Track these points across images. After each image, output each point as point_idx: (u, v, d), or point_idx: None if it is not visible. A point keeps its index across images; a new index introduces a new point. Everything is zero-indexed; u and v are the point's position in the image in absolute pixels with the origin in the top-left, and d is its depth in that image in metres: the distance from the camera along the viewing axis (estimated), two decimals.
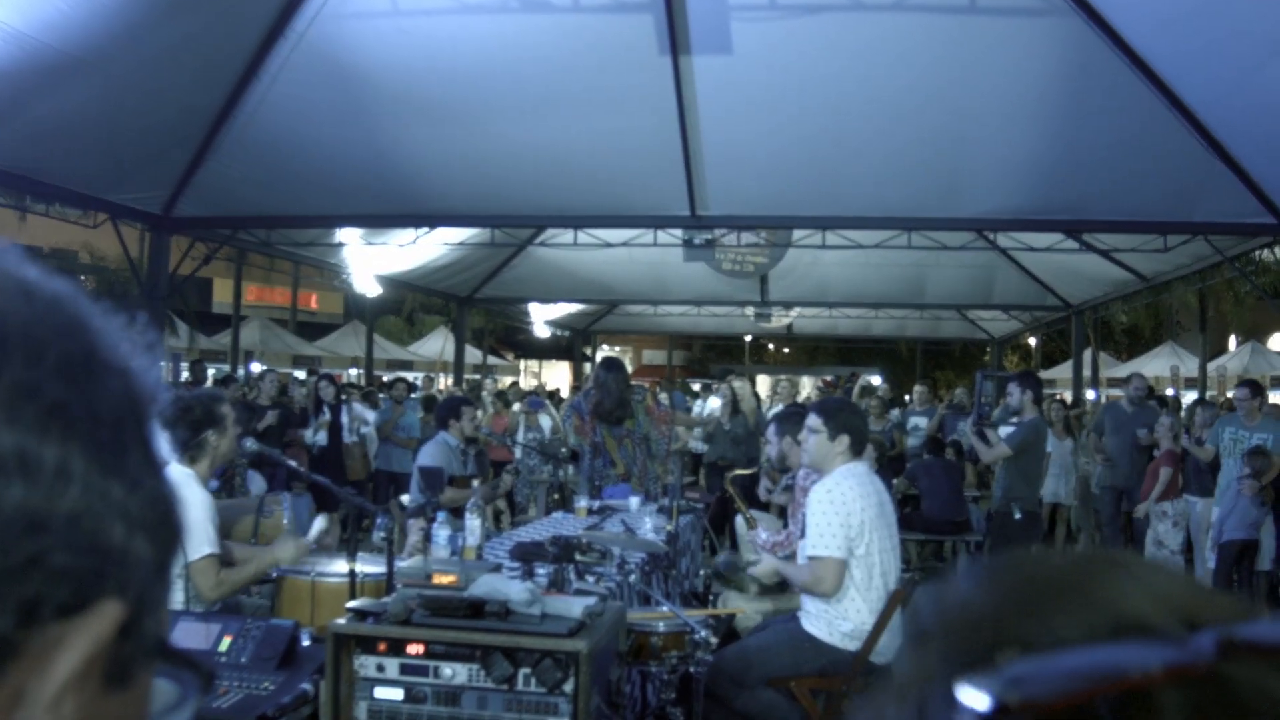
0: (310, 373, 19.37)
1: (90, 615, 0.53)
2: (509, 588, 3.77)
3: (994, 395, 9.20)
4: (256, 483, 9.55)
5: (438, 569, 4.02)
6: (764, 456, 12.65)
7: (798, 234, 13.38)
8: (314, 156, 10.10)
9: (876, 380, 21.01)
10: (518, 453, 12.29)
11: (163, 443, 0.59)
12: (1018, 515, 8.21)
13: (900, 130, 9.40)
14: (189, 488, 4.44)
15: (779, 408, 13.91)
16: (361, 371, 26.38)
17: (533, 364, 49.15)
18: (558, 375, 41.18)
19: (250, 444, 5.05)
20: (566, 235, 14.02)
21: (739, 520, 9.50)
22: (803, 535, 5.10)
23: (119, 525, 0.54)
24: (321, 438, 11.54)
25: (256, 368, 22.21)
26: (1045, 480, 11.34)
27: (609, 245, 13.76)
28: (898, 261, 15.50)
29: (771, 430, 6.75)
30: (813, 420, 5.12)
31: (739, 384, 12.81)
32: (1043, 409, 9.44)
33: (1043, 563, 0.61)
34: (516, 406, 14.31)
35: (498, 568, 4.69)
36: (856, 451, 5.08)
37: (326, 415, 11.69)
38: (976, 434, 8.71)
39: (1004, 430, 8.90)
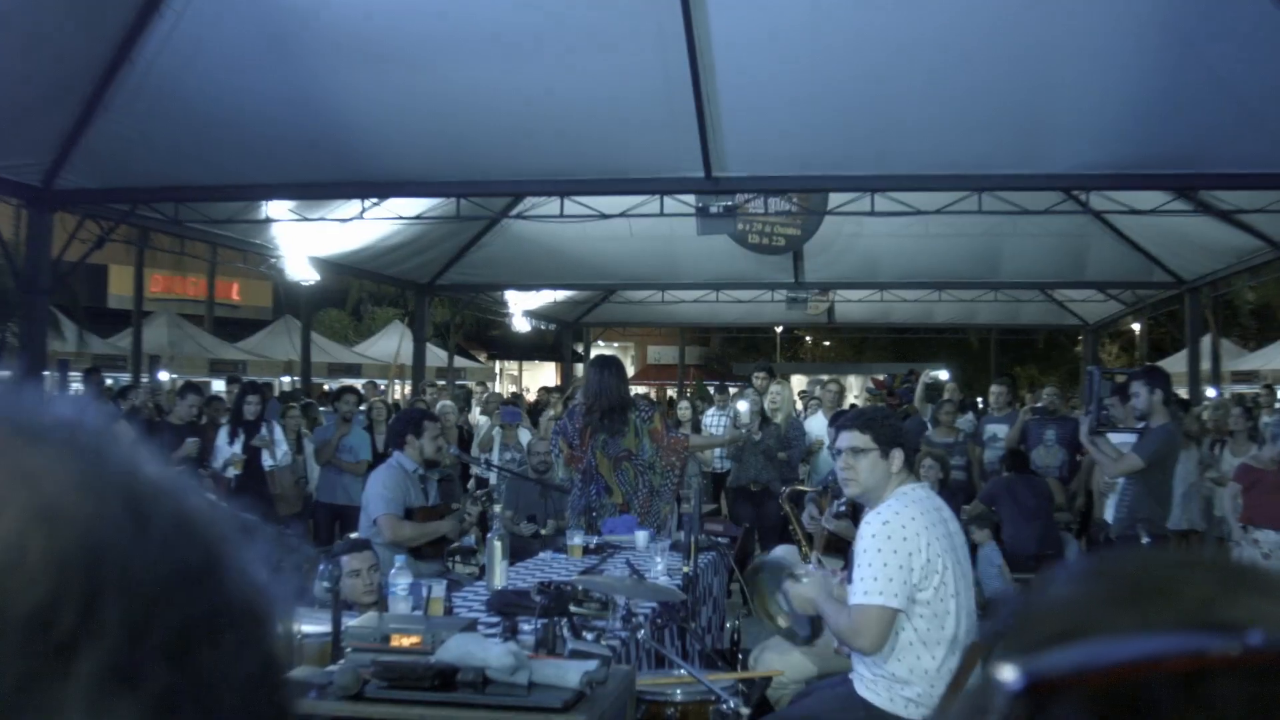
0: (231, 382, 19.35)
1: None
2: (487, 651, 3.76)
3: (1096, 397, 9.16)
4: None
5: (397, 628, 4.01)
6: (814, 476, 12.65)
7: (838, 198, 13.36)
8: (232, 112, 10.09)
9: (944, 376, 20.92)
10: (492, 477, 12.27)
11: None
12: (1145, 540, 8.22)
13: (967, 69, 9.37)
14: None
15: (817, 415, 13.89)
16: (296, 379, 26.38)
17: (511, 366, 49.21)
18: (542, 379, 41.18)
19: None
20: (551, 205, 14.01)
21: (777, 552, 9.51)
22: (852, 578, 5.08)
23: None
24: (231, 472, 11.48)
25: (165, 377, 22.23)
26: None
27: (604, 216, 13.74)
28: (965, 230, 15.46)
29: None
30: (855, 438, 5.07)
31: (776, 387, 12.78)
32: (1173, 411, 9.42)
33: (1141, 561, 0.67)
34: (483, 419, 14.31)
35: (472, 625, 4.68)
36: (910, 467, 5.08)
37: (238, 449, 11.58)
38: (1092, 443, 8.76)
39: (1118, 439, 8.93)
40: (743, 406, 11.93)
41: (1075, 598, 0.65)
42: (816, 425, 13.09)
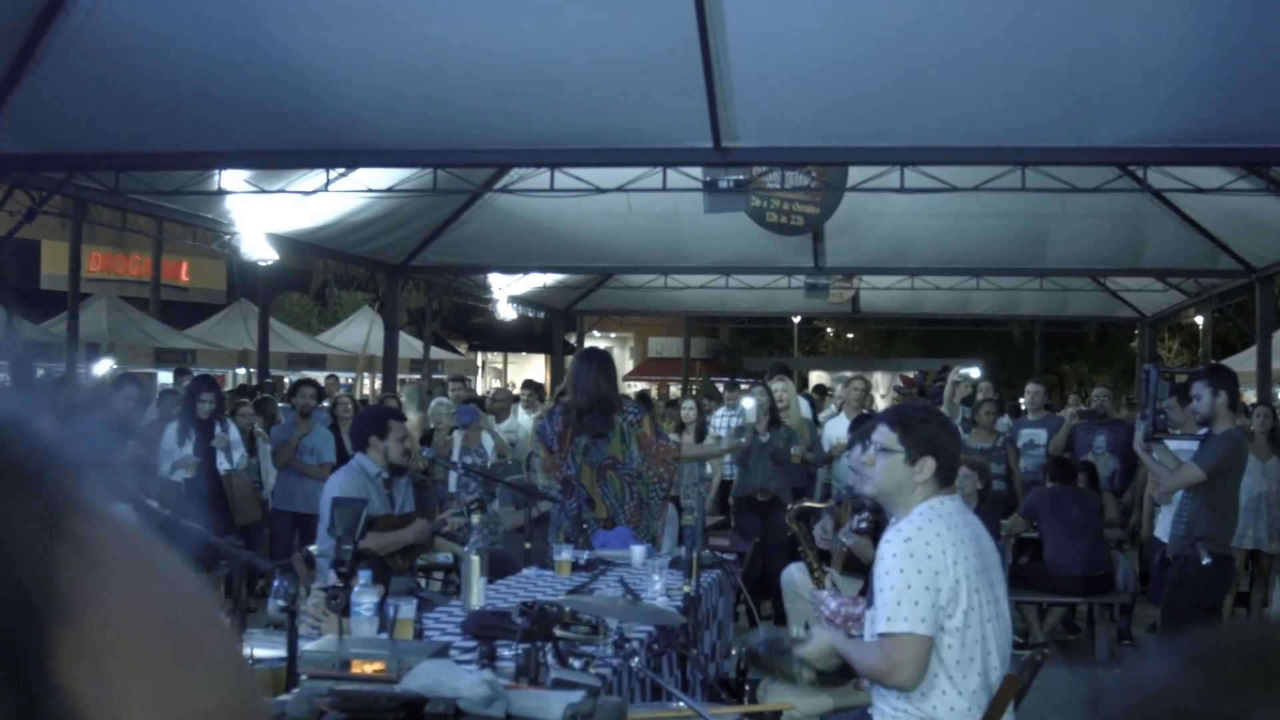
0: (180, 373, 19.32)
1: None
2: (458, 679, 3.76)
3: (1153, 399, 9.17)
4: None
5: (358, 653, 4.01)
6: (831, 484, 12.64)
7: (862, 173, 13.34)
8: (181, 69, 10.06)
9: (975, 374, 20.87)
10: (451, 484, 12.32)
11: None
12: (1205, 560, 8.23)
13: (1009, 27, 9.36)
14: None
15: (837, 414, 13.89)
16: (253, 370, 26.37)
17: (495, 358, 49.23)
18: (530, 373, 41.20)
19: None
20: (540, 178, 13.98)
21: (790, 572, 9.51)
22: (871, 604, 5.08)
23: None
24: (181, 475, 11.48)
25: (104, 366, 22.21)
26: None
27: (600, 191, 13.74)
28: (1007, 210, 15.44)
29: (855, 454, 6.75)
30: (883, 435, 5.09)
31: (779, 384, 12.77)
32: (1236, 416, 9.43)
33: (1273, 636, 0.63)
34: (437, 402, 14.28)
35: (444, 649, 4.68)
36: (945, 480, 5.05)
37: (189, 449, 11.57)
38: (1147, 451, 8.77)
39: (1175, 445, 8.93)
40: (749, 404, 11.93)
41: (1207, 684, 0.60)
42: (839, 427, 13.09)
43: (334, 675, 3.96)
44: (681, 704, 4.79)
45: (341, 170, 13.30)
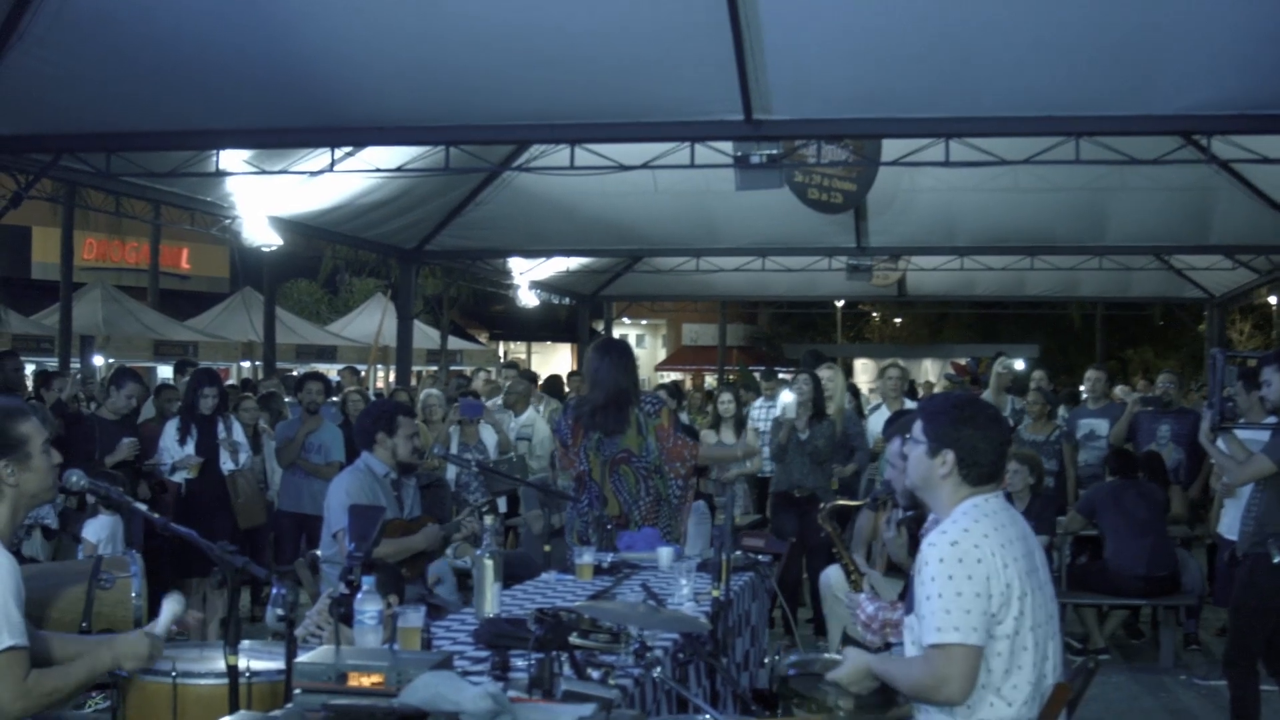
0: (183, 366, 19.35)
1: None
2: (460, 692, 3.73)
3: (1219, 385, 9.10)
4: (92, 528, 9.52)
5: (355, 664, 3.99)
6: (870, 479, 12.58)
7: (904, 145, 13.26)
8: (177, 42, 10.06)
9: (1020, 365, 20.70)
10: (450, 479, 12.38)
11: None
12: (1277, 559, 8.18)
13: None
14: None
15: (880, 408, 13.81)
16: (258, 364, 26.44)
17: (518, 348, 49.27)
18: (556, 364, 41.26)
19: (77, 478, 5.02)
20: (560, 155, 13.98)
21: (828, 575, 9.48)
22: (910, 610, 5.03)
23: None
24: (182, 476, 11.50)
25: (99, 361, 22.28)
26: None
27: (624, 168, 13.71)
28: (1062, 184, 15.36)
29: (892, 448, 6.71)
30: (916, 425, 5.06)
31: (827, 372, 12.71)
32: None
33: None
34: (427, 394, 14.29)
35: (448, 660, 4.66)
36: (972, 477, 4.99)
37: (190, 448, 11.58)
38: (1213, 441, 8.71)
39: (1246, 435, 8.86)
40: (788, 398, 11.85)
41: None
42: (880, 421, 13.03)
43: (329, 689, 3.94)
44: (708, 717, 4.76)
45: (348, 149, 13.31)
